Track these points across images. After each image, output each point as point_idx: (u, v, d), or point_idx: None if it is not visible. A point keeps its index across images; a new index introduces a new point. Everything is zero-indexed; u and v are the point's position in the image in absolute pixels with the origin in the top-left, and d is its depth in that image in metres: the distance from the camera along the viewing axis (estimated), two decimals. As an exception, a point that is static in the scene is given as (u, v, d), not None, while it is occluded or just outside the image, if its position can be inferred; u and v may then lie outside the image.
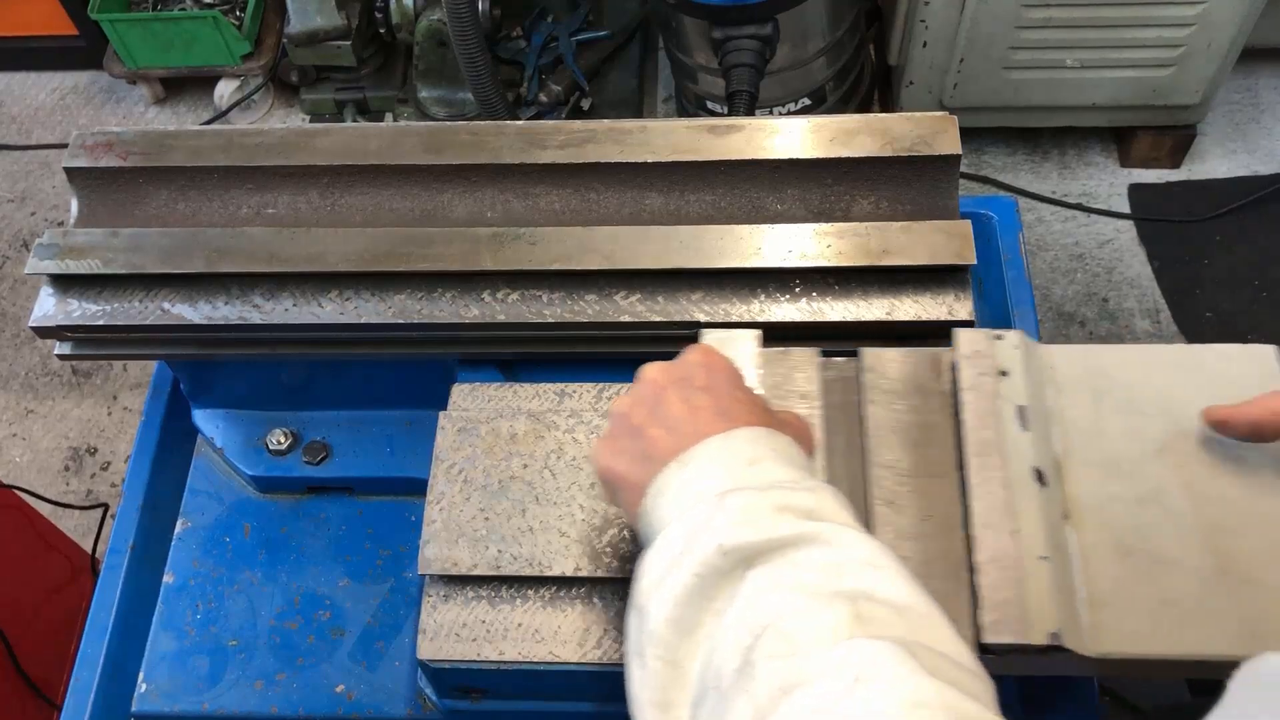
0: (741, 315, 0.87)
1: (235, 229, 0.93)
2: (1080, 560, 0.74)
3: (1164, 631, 0.72)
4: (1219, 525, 0.75)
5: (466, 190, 0.95)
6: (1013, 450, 0.77)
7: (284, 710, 0.95)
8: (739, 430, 0.65)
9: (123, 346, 0.95)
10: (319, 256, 0.90)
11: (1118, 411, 0.80)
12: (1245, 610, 0.71)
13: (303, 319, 0.90)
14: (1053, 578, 0.72)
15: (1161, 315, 2.33)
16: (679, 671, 0.58)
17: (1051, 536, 0.74)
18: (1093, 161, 2.50)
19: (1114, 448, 0.78)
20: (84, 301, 0.91)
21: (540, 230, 0.91)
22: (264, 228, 0.93)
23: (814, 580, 0.56)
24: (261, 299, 0.90)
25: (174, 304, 0.91)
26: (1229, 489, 0.76)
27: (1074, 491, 0.77)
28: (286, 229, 0.92)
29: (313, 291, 0.91)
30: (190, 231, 0.93)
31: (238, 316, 0.90)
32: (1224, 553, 0.74)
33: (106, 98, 2.92)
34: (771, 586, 0.57)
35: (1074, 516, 0.76)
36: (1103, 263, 2.41)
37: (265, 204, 0.96)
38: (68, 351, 0.95)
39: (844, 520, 0.61)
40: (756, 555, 0.58)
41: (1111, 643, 0.72)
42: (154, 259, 0.91)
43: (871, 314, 0.87)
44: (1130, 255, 2.41)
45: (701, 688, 0.57)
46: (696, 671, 0.58)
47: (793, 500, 0.60)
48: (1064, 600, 0.72)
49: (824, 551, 0.58)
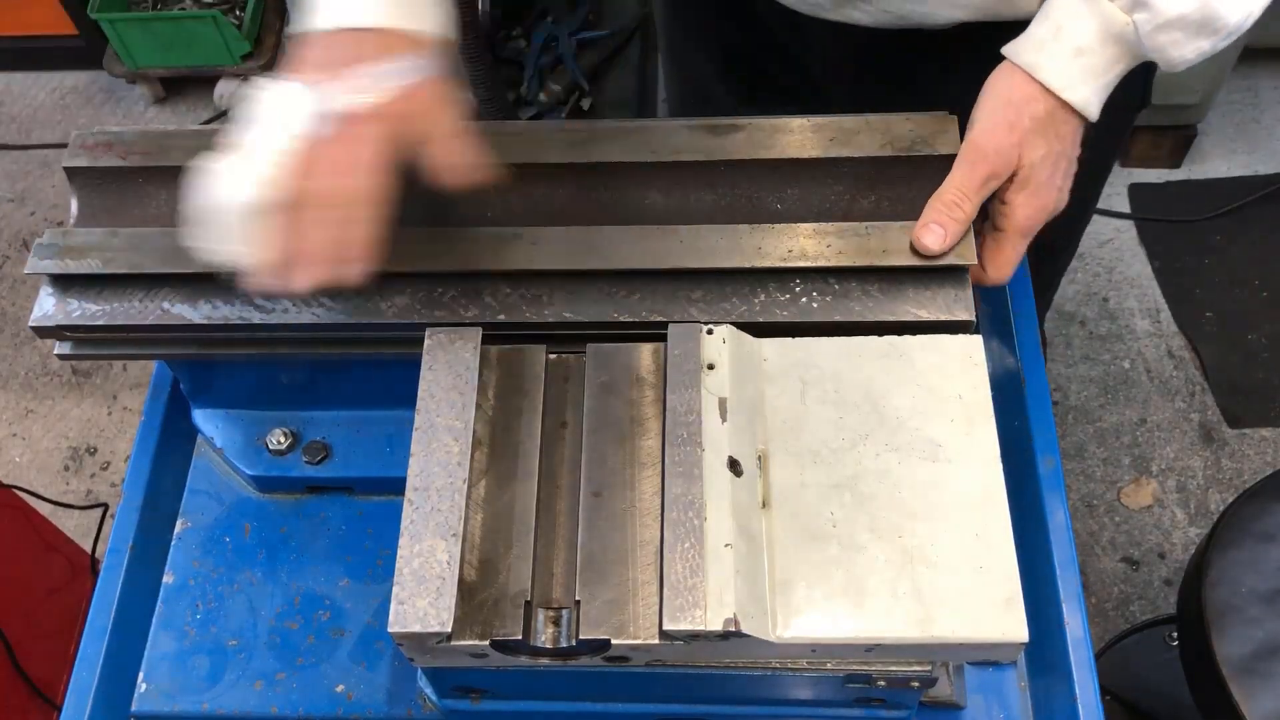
0: (741, 315, 0.87)
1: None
2: (771, 547, 0.77)
3: (847, 615, 0.74)
4: (909, 512, 0.78)
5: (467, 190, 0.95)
6: (711, 441, 0.79)
7: (284, 710, 0.95)
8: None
9: (123, 346, 0.95)
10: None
11: (823, 402, 0.83)
12: (925, 595, 0.75)
13: (303, 319, 0.90)
14: (737, 565, 0.74)
15: (1161, 315, 2.33)
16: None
17: (743, 525, 0.76)
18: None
19: (816, 437, 0.81)
20: (84, 301, 0.91)
21: (540, 230, 0.91)
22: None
23: None
24: (262, 299, 0.90)
25: (174, 304, 0.91)
26: (921, 477, 0.79)
27: (773, 480, 0.80)
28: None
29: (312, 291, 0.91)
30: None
31: (238, 316, 0.90)
32: (910, 539, 0.77)
33: (106, 98, 2.92)
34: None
35: (770, 504, 0.79)
36: (1103, 262, 2.41)
37: None
38: (68, 351, 0.95)
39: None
40: None
41: (795, 628, 0.74)
42: (154, 259, 0.91)
43: (871, 314, 0.87)
44: (1130, 255, 2.41)
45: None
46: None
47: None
48: (748, 587, 0.74)
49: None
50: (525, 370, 0.87)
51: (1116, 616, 2.00)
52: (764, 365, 0.85)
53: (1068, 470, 2.14)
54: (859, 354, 0.85)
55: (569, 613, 0.76)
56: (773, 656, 0.78)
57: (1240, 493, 1.34)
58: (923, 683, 0.80)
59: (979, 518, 0.77)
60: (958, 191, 0.85)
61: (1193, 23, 0.80)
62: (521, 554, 0.78)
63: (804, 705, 0.87)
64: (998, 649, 0.75)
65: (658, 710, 0.90)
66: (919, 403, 0.82)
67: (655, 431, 0.82)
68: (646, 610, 0.75)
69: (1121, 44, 0.84)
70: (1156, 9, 0.80)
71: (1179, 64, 0.84)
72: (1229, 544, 1.28)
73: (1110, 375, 2.26)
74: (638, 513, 0.79)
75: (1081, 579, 0.96)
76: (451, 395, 0.83)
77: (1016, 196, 0.88)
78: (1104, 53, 0.84)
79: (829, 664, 0.79)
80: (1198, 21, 0.80)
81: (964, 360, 0.84)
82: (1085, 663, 0.91)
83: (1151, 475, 2.15)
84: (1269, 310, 2.29)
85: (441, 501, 0.78)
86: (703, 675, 0.80)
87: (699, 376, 0.82)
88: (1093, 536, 2.09)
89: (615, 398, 0.84)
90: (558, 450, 0.84)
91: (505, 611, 0.76)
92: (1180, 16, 0.80)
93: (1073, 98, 0.85)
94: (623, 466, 0.81)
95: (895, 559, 0.76)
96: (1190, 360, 2.27)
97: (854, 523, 0.78)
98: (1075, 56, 0.84)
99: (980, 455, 0.80)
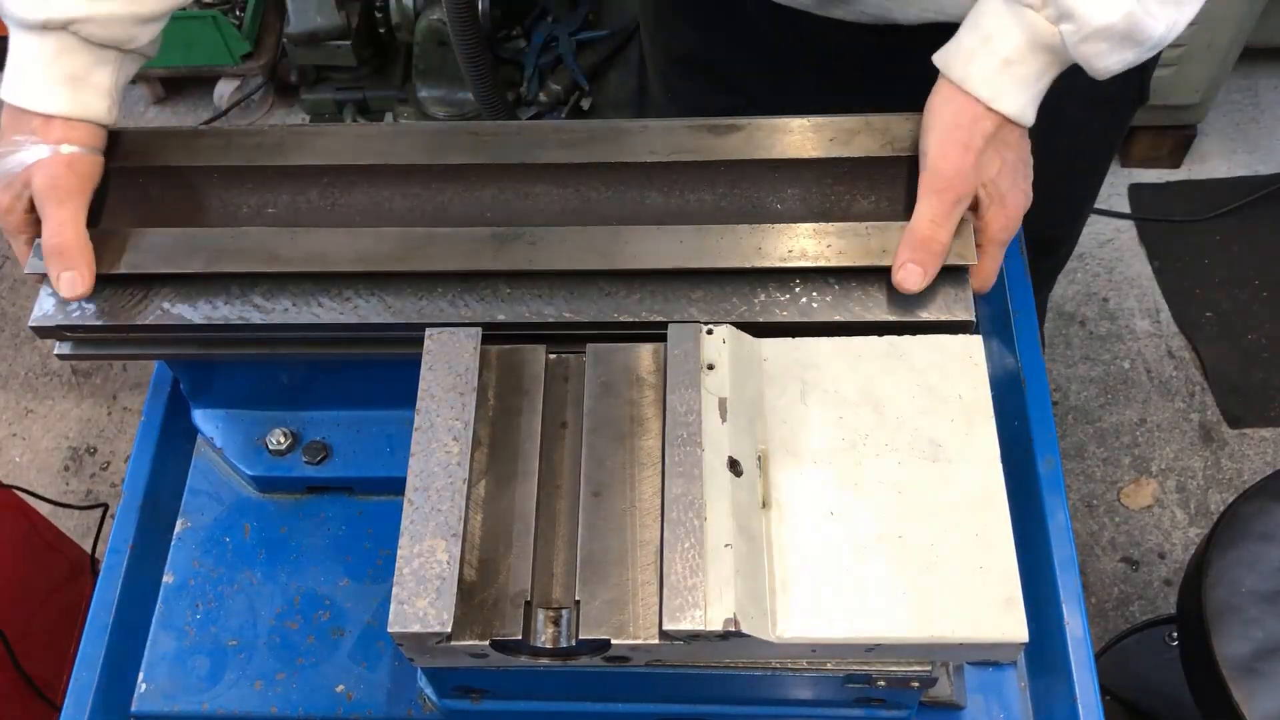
0: (741, 315, 0.87)
1: (235, 229, 0.93)
2: (771, 548, 0.77)
3: (847, 615, 0.74)
4: (909, 512, 0.78)
5: (466, 190, 0.95)
6: (711, 441, 0.79)
7: (284, 710, 0.95)
8: None
9: (123, 346, 0.95)
10: (319, 256, 0.91)
11: (823, 402, 0.83)
12: (925, 595, 0.75)
13: (302, 319, 0.90)
14: (737, 565, 0.74)
15: (1161, 315, 2.33)
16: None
17: (743, 525, 0.76)
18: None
19: (816, 437, 0.81)
20: (84, 301, 0.91)
21: (540, 230, 0.91)
22: (264, 227, 0.93)
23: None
24: (262, 299, 0.90)
25: (174, 304, 0.91)
26: (921, 477, 0.79)
27: (774, 480, 0.80)
28: (286, 229, 0.92)
29: (313, 291, 0.91)
30: (190, 231, 0.93)
31: (238, 316, 0.90)
32: (910, 539, 0.77)
33: (106, 98, 2.92)
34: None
35: (771, 505, 0.79)
36: (1103, 262, 2.41)
37: (265, 204, 0.96)
38: (67, 351, 0.95)
39: None
40: None
41: (795, 628, 0.74)
42: (154, 259, 0.91)
43: (871, 314, 0.87)
44: (1130, 255, 2.41)
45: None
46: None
47: None
48: (748, 587, 0.74)
49: None
50: (525, 370, 0.87)
51: (1116, 616, 2.00)
52: (764, 365, 0.85)
53: (1068, 470, 2.14)
54: (859, 354, 0.85)
55: (569, 613, 0.76)
56: (773, 656, 0.78)
57: (1240, 493, 1.34)
58: (923, 683, 0.80)
59: (979, 518, 0.77)
60: (930, 224, 0.85)
61: (1117, 34, 0.81)
62: (521, 554, 0.78)
63: (804, 705, 0.87)
64: (998, 649, 0.76)
65: (658, 710, 0.90)
66: (919, 403, 0.82)
67: (655, 431, 0.82)
68: (646, 610, 0.75)
69: (1050, 53, 0.84)
70: (1082, 20, 0.80)
71: (1104, 73, 0.84)
72: (1229, 544, 1.28)
73: (1110, 375, 2.26)
74: (638, 513, 0.79)
75: (1081, 579, 0.96)
76: (451, 395, 0.83)
77: (986, 214, 0.88)
78: (1033, 62, 0.84)
79: (829, 664, 0.79)
80: (1122, 33, 0.81)
81: (964, 360, 0.84)
82: (1085, 663, 0.91)
83: (1151, 475, 2.15)
84: (1269, 310, 2.29)
85: (441, 501, 0.78)
86: (703, 675, 0.80)
87: (699, 376, 0.82)
88: (1093, 536, 2.09)
89: (615, 398, 0.84)
90: (558, 450, 0.84)
91: (505, 611, 0.76)
92: (1106, 27, 0.80)
93: (1005, 108, 0.85)
94: (623, 466, 0.81)
95: (895, 559, 0.76)
96: (1190, 360, 2.27)
97: (854, 523, 0.78)
98: (1004, 68, 0.84)
99: (980, 455, 0.80)
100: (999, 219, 0.89)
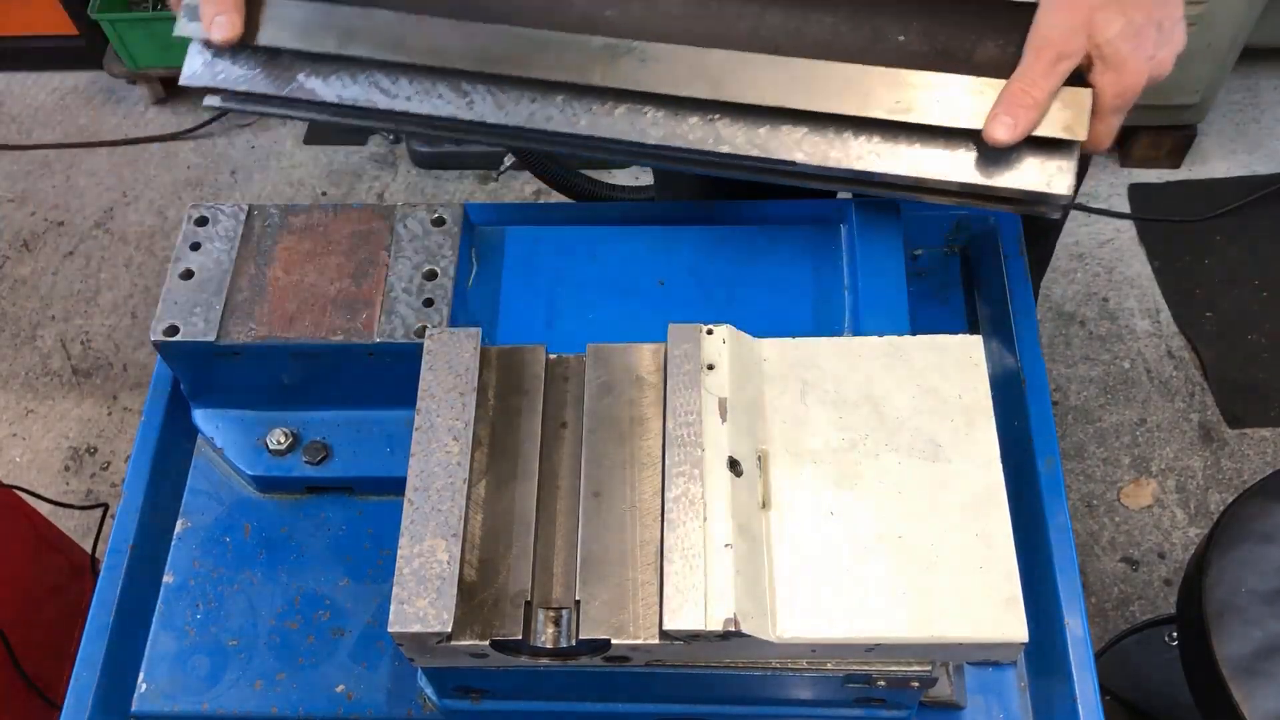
0: (839, 161, 0.87)
1: (365, 9, 0.96)
2: (771, 548, 0.77)
3: (847, 615, 0.74)
4: (909, 512, 0.78)
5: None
6: (711, 441, 0.79)
7: (284, 710, 0.95)
8: None
9: (262, 105, 1.00)
10: (439, 51, 0.93)
11: (823, 402, 0.83)
12: (925, 595, 0.75)
13: (423, 109, 0.94)
14: (738, 565, 0.74)
15: (1161, 315, 2.33)
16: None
17: (742, 525, 0.76)
18: (1093, 161, 2.51)
19: (816, 437, 0.82)
20: (229, 62, 0.96)
21: (652, 46, 0.91)
22: (392, 11, 0.96)
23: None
24: (388, 83, 0.95)
25: (309, 78, 0.96)
26: (921, 477, 0.79)
27: (774, 480, 0.80)
28: (412, 15, 0.95)
29: (434, 81, 0.95)
30: (322, 7, 0.96)
31: (365, 99, 0.94)
32: (910, 539, 0.77)
33: (106, 98, 2.93)
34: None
35: (771, 505, 0.79)
36: (1103, 262, 2.41)
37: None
38: (217, 104, 1.00)
39: None
40: None
41: (795, 628, 0.74)
42: (290, 34, 0.95)
43: (968, 176, 0.86)
44: (1130, 255, 2.41)
45: None
46: None
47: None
48: (748, 587, 0.74)
49: None
50: (525, 370, 0.87)
51: (1116, 616, 2.00)
52: (764, 365, 0.85)
53: (1068, 470, 2.14)
54: (859, 354, 0.85)
55: (569, 613, 0.76)
56: (773, 656, 0.78)
57: (1240, 493, 1.34)
58: (923, 683, 0.80)
59: (979, 518, 0.77)
60: (1025, 79, 0.83)
61: None
62: (521, 554, 0.78)
63: (804, 705, 0.87)
64: (998, 649, 0.76)
65: (658, 710, 0.90)
66: (919, 403, 0.82)
67: (655, 431, 0.82)
68: (646, 610, 0.75)
69: None
70: None
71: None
72: (1229, 544, 1.28)
73: (1110, 375, 2.26)
74: (638, 513, 0.79)
75: (1081, 579, 0.96)
76: (451, 395, 0.83)
77: (1101, 78, 0.84)
78: None
79: (829, 664, 0.79)
80: None
81: (964, 360, 0.84)
82: (1085, 663, 0.91)
83: (1151, 475, 2.15)
84: (1269, 310, 2.29)
85: (441, 501, 0.78)
86: (703, 675, 0.80)
87: (699, 377, 0.82)
88: (1093, 536, 2.09)
89: (615, 398, 0.84)
90: (557, 450, 0.84)
91: (505, 611, 0.76)
92: None
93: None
94: (623, 466, 0.81)
95: (895, 559, 0.76)
96: (1190, 360, 2.27)
97: (854, 523, 0.78)
98: None
99: (980, 455, 0.80)
100: (1113, 85, 0.84)
